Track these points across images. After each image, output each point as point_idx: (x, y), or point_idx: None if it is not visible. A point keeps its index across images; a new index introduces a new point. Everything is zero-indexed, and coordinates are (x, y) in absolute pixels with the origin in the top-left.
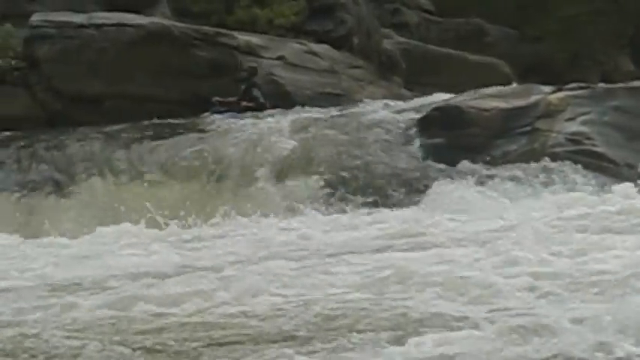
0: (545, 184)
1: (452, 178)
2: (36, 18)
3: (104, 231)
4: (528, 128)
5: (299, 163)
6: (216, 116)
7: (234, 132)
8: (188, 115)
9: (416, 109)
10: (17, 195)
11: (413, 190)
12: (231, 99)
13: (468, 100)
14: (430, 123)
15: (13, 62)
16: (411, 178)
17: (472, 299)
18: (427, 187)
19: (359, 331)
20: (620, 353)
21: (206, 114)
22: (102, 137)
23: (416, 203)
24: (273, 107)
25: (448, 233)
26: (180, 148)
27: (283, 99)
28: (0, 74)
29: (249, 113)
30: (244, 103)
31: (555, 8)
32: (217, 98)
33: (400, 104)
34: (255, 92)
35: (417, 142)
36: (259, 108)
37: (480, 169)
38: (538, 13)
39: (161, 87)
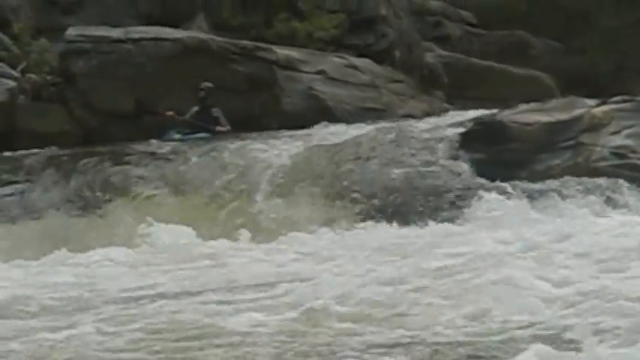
0: (589, 199)
1: (494, 193)
2: (71, 32)
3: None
4: (572, 142)
5: (337, 180)
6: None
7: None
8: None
9: (458, 124)
10: (54, 213)
11: (454, 205)
12: (181, 117)
13: (510, 114)
14: (473, 138)
15: (48, 77)
16: (453, 194)
17: None
18: (469, 202)
19: None
20: None
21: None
22: (139, 153)
23: (456, 218)
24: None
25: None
26: (213, 165)
27: (324, 114)
28: (35, 90)
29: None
30: (219, 128)
31: (599, 20)
32: (171, 113)
33: (442, 118)
34: (216, 112)
35: (460, 157)
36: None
37: (523, 184)
38: (582, 25)
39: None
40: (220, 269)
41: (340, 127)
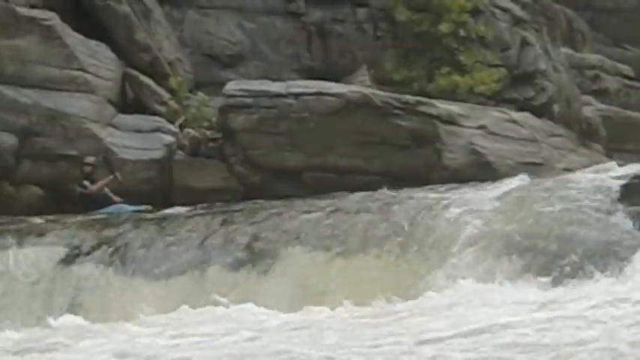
0: None
1: None
2: (231, 87)
3: None
4: None
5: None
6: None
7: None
8: (391, 187)
9: (618, 177)
10: (215, 269)
11: (616, 259)
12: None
13: None
14: (633, 190)
15: (207, 132)
16: (614, 248)
17: None
18: (630, 256)
19: None
20: None
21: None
22: (300, 211)
23: (619, 273)
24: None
25: None
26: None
27: (484, 169)
28: (194, 145)
29: None
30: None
31: None
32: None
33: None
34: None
35: (620, 211)
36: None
37: None
38: None
39: (362, 158)
40: None
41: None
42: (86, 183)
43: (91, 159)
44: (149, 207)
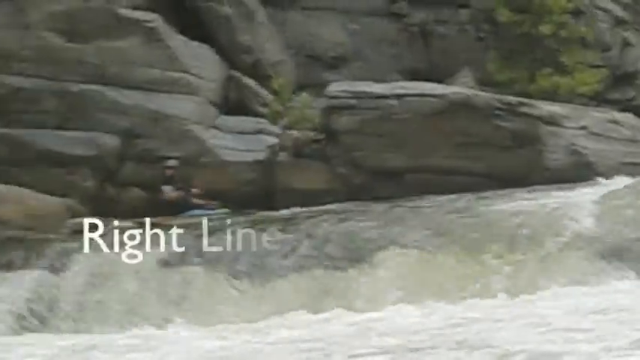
0: None
1: None
2: (334, 88)
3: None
4: None
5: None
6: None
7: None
8: (493, 188)
9: None
10: (317, 271)
11: None
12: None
13: None
14: None
15: (311, 134)
16: None
17: None
18: None
19: None
20: None
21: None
22: (404, 211)
23: None
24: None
25: None
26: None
27: (585, 170)
28: (297, 147)
29: None
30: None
31: None
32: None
33: None
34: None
35: None
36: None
37: None
38: None
39: (464, 159)
40: None
41: None
42: (165, 188)
43: (172, 162)
44: (229, 210)
